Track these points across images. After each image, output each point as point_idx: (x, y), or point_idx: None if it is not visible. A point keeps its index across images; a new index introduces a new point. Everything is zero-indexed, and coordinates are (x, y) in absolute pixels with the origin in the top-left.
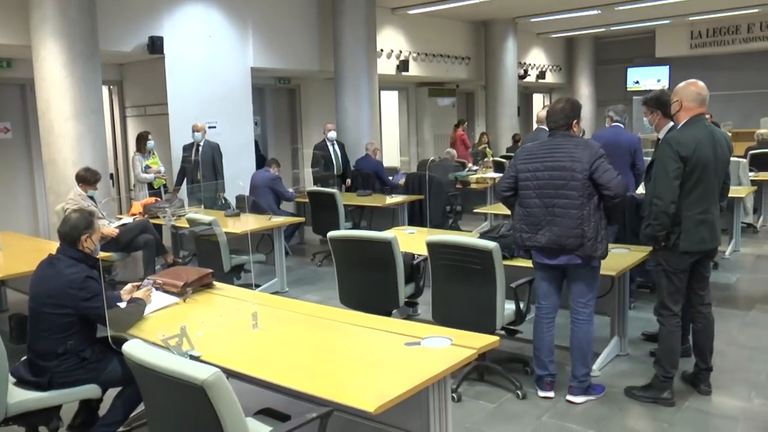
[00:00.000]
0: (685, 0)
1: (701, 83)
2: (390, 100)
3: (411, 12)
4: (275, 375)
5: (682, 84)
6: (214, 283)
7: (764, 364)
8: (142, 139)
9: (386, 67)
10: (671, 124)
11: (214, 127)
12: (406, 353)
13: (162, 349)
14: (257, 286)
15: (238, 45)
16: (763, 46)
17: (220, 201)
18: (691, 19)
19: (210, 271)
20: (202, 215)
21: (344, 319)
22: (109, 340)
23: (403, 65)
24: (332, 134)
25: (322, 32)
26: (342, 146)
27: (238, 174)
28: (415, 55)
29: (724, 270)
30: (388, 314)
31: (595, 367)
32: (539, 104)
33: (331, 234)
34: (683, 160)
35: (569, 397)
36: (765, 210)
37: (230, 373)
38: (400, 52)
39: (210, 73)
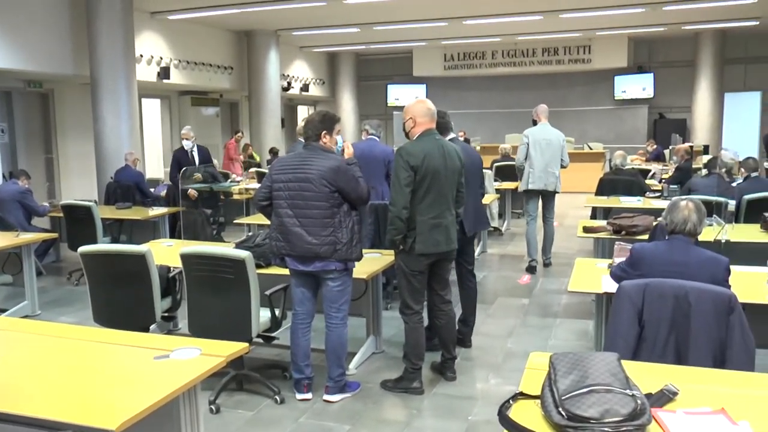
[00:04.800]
0: (436, 26)
1: (428, 101)
2: (152, 108)
3: (171, 17)
4: (8, 404)
5: (412, 102)
6: None
7: (501, 349)
8: None
9: (146, 73)
10: (452, 135)
11: None
12: (154, 367)
13: None
14: (2, 311)
15: None
16: (507, 71)
17: None
18: (443, 43)
19: None
20: None
21: (93, 337)
22: None
23: (164, 72)
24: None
25: (76, 33)
26: None
27: None
28: (176, 62)
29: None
30: (146, 330)
31: (351, 365)
32: (304, 116)
33: (81, 249)
34: (413, 169)
35: (326, 397)
36: (508, 215)
37: None
38: (161, 58)
39: None
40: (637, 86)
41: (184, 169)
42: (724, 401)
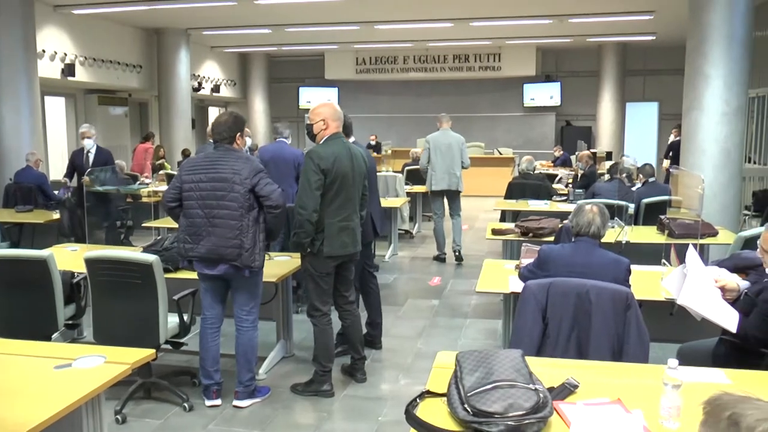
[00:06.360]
0: (348, 29)
1: (336, 104)
2: (56, 107)
3: (76, 12)
4: None
5: (321, 105)
6: None
7: (411, 350)
8: None
9: (49, 70)
10: (353, 139)
11: None
12: (54, 377)
13: None
14: None
15: None
16: (418, 76)
17: None
18: (355, 46)
19: None
20: None
21: None
22: None
23: (69, 69)
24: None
25: None
26: None
27: None
28: (82, 59)
29: (384, 271)
30: (48, 339)
31: (261, 370)
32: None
33: None
34: (324, 173)
35: (235, 402)
36: (419, 218)
37: None
38: (65, 54)
39: None
40: (545, 94)
41: (88, 171)
42: (621, 392)
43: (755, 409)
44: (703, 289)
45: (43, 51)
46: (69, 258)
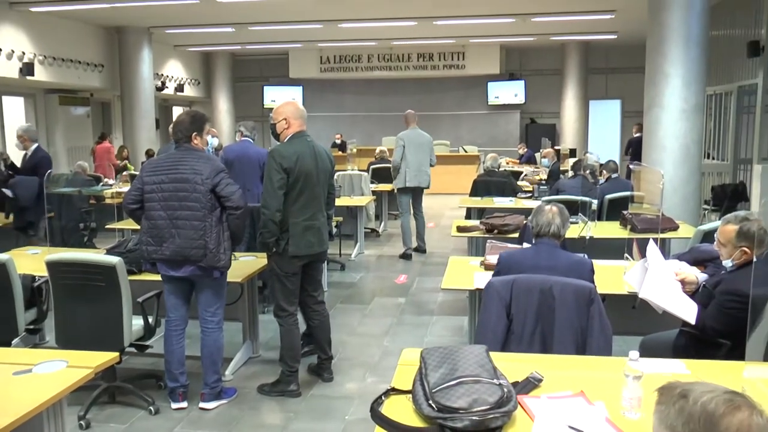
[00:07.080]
0: (312, 27)
1: (299, 103)
2: (14, 107)
3: (33, 9)
4: None
5: (283, 104)
6: None
7: (378, 348)
8: None
9: (7, 69)
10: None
11: None
12: (14, 383)
13: None
14: None
15: None
16: (383, 75)
17: None
18: (319, 45)
19: None
20: None
21: None
22: None
23: (27, 69)
24: None
25: None
26: None
27: None
28: (41, 57)
29: (350, 270)
30: (8, 345)
31: (227, 371)
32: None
33: None
34: (286, 172)
35: (201, 404)
36: (385, 216)
37: None
38: (23, 53)
39: None
40: (510, 92)
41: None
42: (584, 384)
43: (702, 385)
44: (663, 283)
45: (0, 49)
46: (29, 261)
